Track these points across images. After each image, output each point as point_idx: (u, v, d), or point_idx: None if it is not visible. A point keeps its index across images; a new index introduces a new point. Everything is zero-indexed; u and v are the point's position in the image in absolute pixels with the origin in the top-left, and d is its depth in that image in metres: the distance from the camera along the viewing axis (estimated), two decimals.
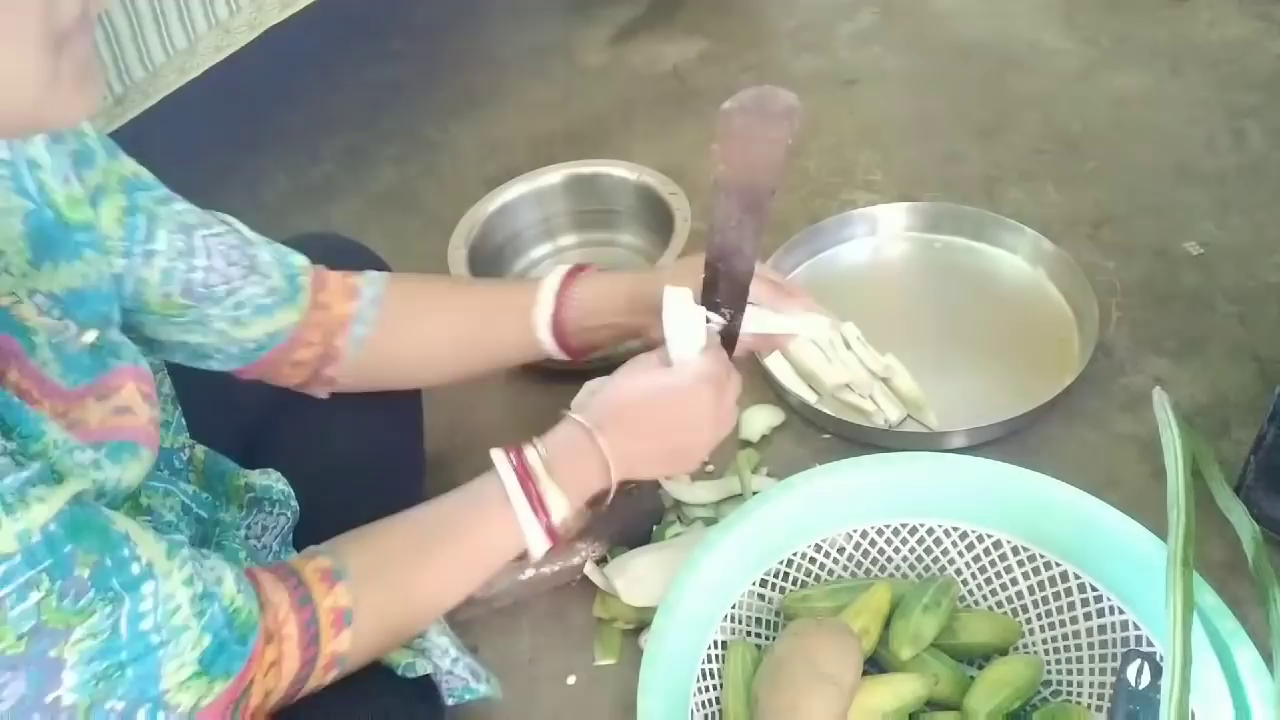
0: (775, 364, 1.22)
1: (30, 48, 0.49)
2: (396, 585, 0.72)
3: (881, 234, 1.41)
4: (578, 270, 0.92)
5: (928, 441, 1.13)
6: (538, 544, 0.76)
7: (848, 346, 1.25)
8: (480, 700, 0.82)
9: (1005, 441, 1.13)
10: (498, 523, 0.75)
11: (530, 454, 0.77)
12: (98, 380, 0.64)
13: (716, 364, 0.82)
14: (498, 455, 0.76)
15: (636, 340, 0.93)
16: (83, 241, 0.68)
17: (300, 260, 0.84)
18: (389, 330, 0.86)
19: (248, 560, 0.80)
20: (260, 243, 0.83)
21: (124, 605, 0.55)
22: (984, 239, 1.37)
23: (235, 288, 0.79)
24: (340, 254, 0.91)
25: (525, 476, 0.75)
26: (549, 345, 0.91)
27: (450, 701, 0.81)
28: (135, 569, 0.56)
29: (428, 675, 0.78)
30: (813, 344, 1.25)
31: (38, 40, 0.50)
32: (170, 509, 0.81)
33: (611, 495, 0.81)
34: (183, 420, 0.88)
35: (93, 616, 0.53)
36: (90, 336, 0.65)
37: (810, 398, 1.20)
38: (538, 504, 0.75)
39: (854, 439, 1.17)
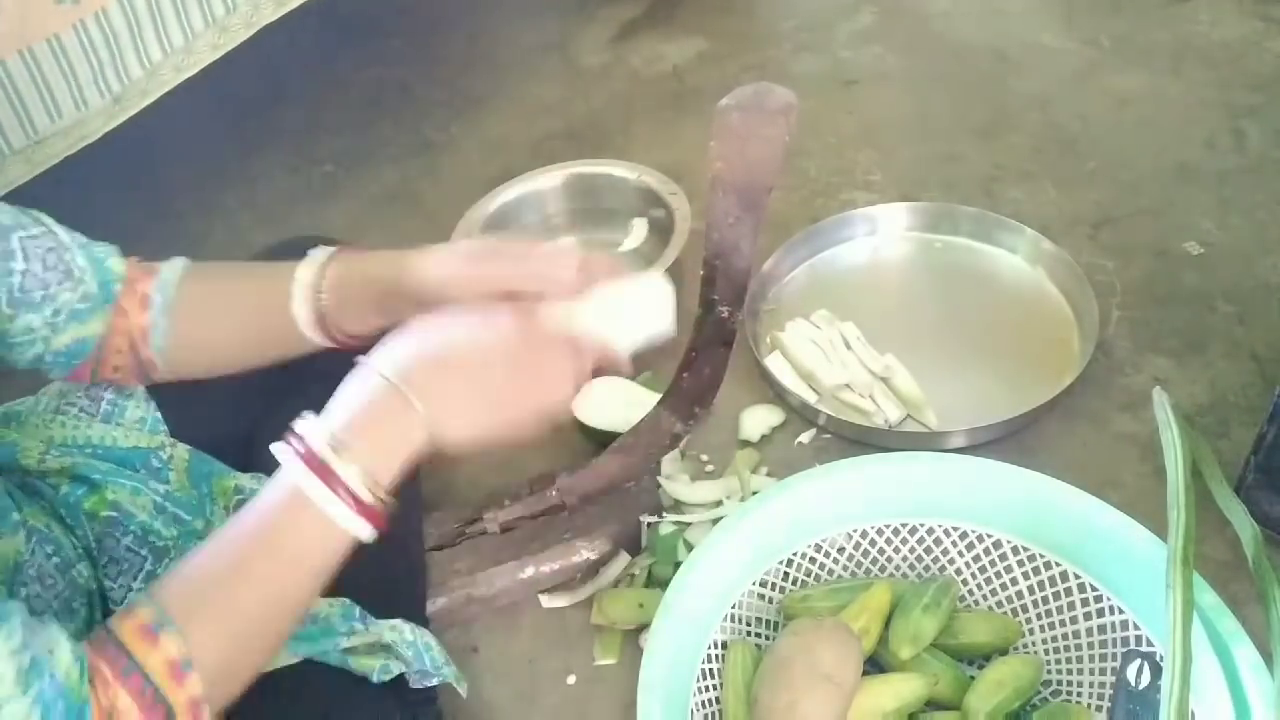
0: (775, 364, 1.22)
1: None
2: (224, 613, 0.63)
3: (881, 234, 1.41)
4: (339, 252, 0.83)
5: (928, 441, 1.13)
6: (361, 529, 0.65)
7: (848, 346, 1.25)
8: (452, 686, 0.81)
9: (1005, 441, 1.13)
10: (307, 521, 0.65)
11: (316, 438, 0.65)
12: None
13: (542, 323, 0.71)
14: (279, 450, 0.66)
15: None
16: None
17: (118, 266, 0.80)
18: (182, 336, 0.82)
19: None
20: (76, 246, 0.78)
21: None
22: (984, 239, 1.37)
23: (52, 294, 0.75)
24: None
25: (314, 466, 0.64)
26: (310, 337, 0.82)
27: (431, 683, 0.80)
28: None
29: (401, 675, 0.78)
30: (813, 343, 1.25)
31: None
32: (142, 508, 0.81)
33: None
34: (159, 417, 0.88)
35: None
36: None
37: (810, 398, 1.20)
38: (339, 489, 0.64)
39: (854, 439, 1.17)
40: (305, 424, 0.66)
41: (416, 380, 0.65)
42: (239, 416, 0.90)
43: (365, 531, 0.65)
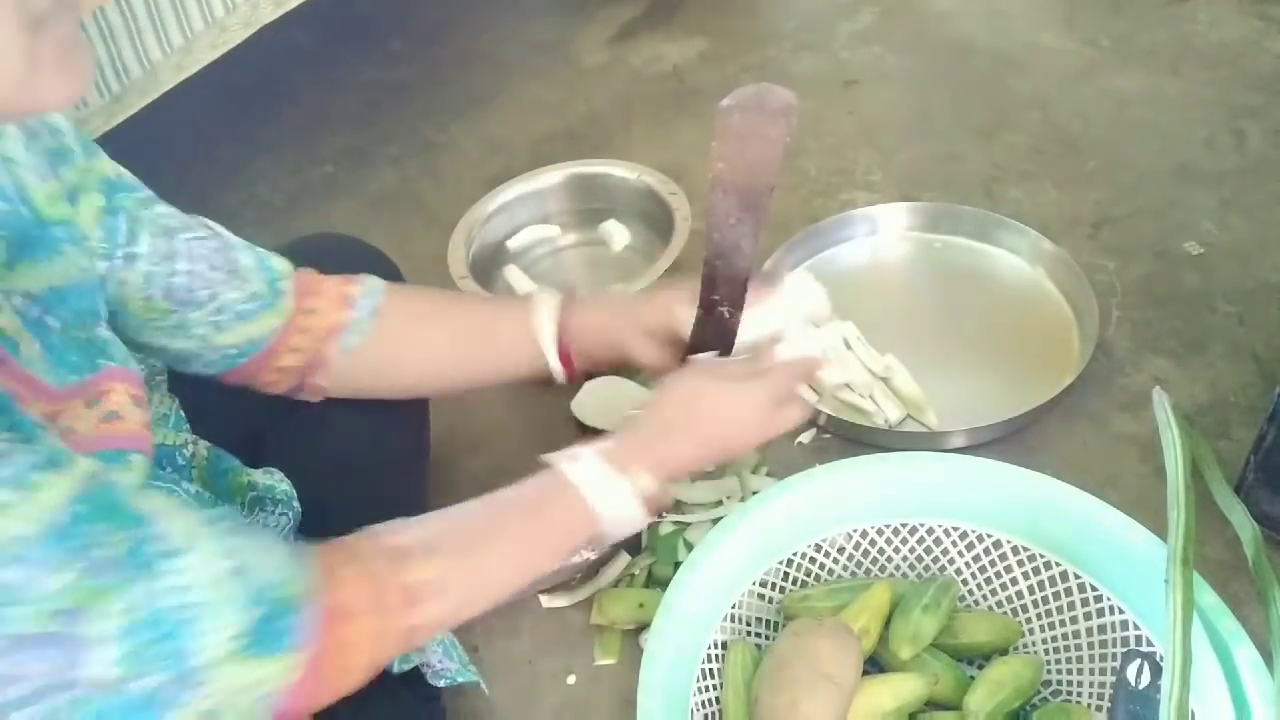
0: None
1: (5, 28, 0.49)
2: (470, 558, 0.70)
3: (881, 234, 1.41)
4: (567, 298, 0.93)
5: (928, 441, 1.13)
6: (632, 513, 0.77)
7: (848, 346, 1.25)
8: (468, 689, 0.82)
9: (1005, 441, 1.13)
10: (569, 498, 0.75)
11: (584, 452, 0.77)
12: (86, 381, 0.63)
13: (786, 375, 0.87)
14: (551, 456, 0.77)
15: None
16: (62, 237, 0.67)
17: (282, 265, 0.83)
18: (384, 342, 0.85)
19: None
20: (241, 247, 0.81)
21: (155, 580, 0.53)
22: (984, 239, 1.37)
23: (216, 292, 0.78)
24: (347, 254, 0.91)
25: (604, 464, 0.76)
26: (556, 368, 0.91)
27: (442, 683, 0.81)
28: (167, 545, 0.54)
29: (417, 669, 0.78)
30: (813, 344, 1.25)
31: (13, 20, 0.49)
32: None
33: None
34: (182, 415, 0.88)
35: (124, 593, 0.52)
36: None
37: (810, 397, 1.20)
38: (627, 484, 0.76)
39: (854, 439, 1.17)
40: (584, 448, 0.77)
41: (640, 461, 0.78)
42: (249, 413, 0.91)
43: (639, 515, 0.77)
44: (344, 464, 0.91)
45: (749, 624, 0.91)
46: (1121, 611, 0.84)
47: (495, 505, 0.74)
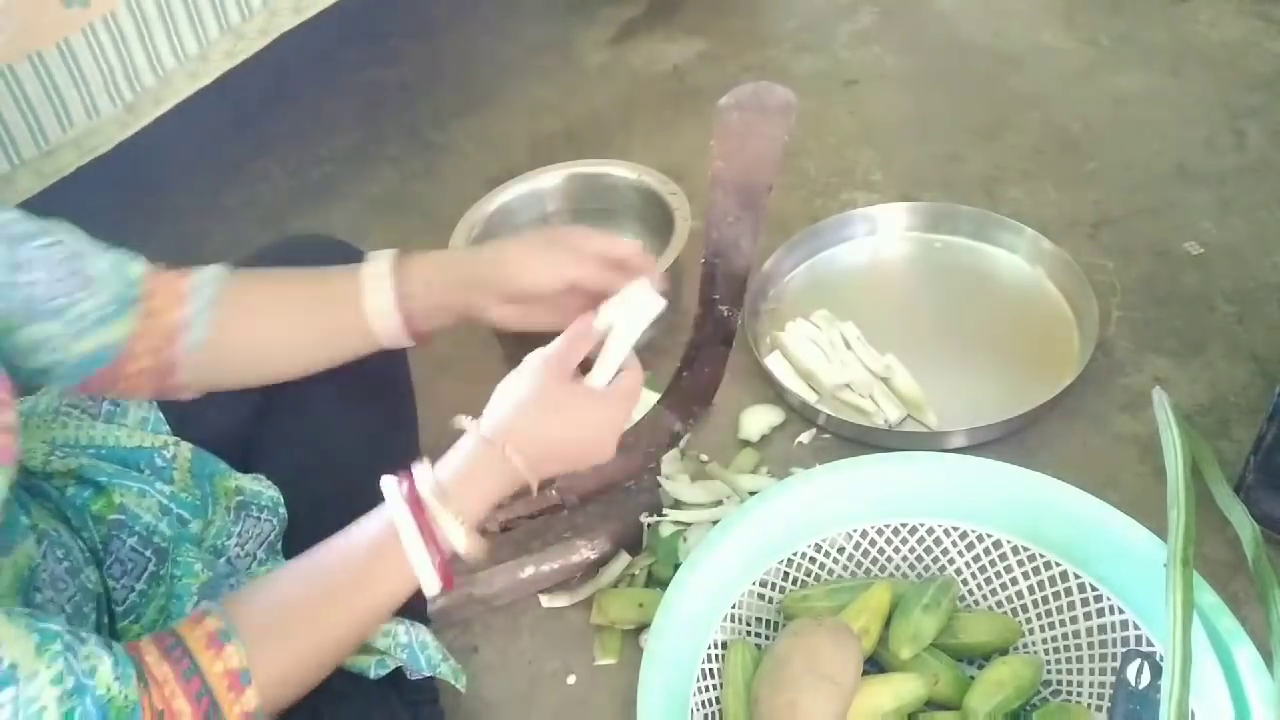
0: (775, 364, 1.22)
1: None
2: (292, 638, 0.68)
3: (881, 234, 1.41)
4: (403, 254, 0.87)
5: (928, 441, 1.13)
6: (429, 584, 0.72)
7: (848, 346, 1.25)
8: (453, 685, 0.82)
9: (1005, 441, 1.13)
10: (392, 564, 0.71)
11: (423, 483, 0.73)
12: None
13: (637, 385, 0.82)
14: (388, 485, 0.73)
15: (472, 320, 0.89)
16: None
17: (136, 270, 0.79)
18: (223, 335, 0.81)
19: (205, 574, 0.79)
20: (96, 253, 0.77)
21: None
22: (984, 239, 1.37)
23: (70, 302, 0.74)
24: (333, 256, 0.90)
25: (417, 508, 0.72)
26: (392, 332, 0.85)
27: (420, 675, 0.80)
28: None
29: (399, 670, 0.78)
30: (813, 343, 1.25)
31: None
32: (147, 509, 0.81)
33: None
34: (161, 416, 0.87)
35: None
36: None
37: (810, 397, 1.20)
38: (430, 541, 0.71)
39: (854, 439, 1.17)
40: (418, 468, 0.73)
41: (519, 449, 0.75)
42: (237, 415, 0.90)
43: (432, 586, 0.72)
44: (331, 465, 0.91)
45: (749, 624, 0.91)
46: (1121, 611, 0.84)
47: (318, 572, 0.71)
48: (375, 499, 0.76)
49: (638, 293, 0.82)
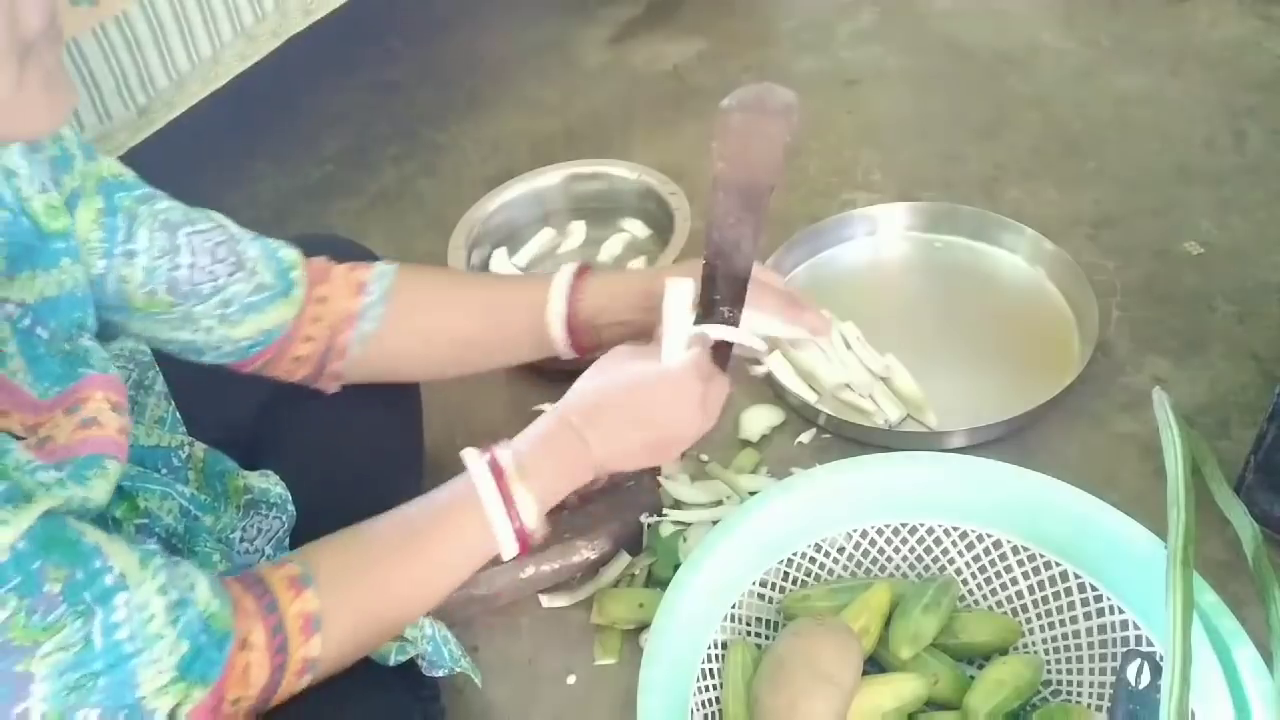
0: (775, 363, 1.22)
1: None
2: (367, 590, 0.71)
3: (881, 234, 1.41)
4: (584, 269, 0.92)
5: (928, 441, 1.13)
6: (508, 546, 0.75)
7: (848, 346, 1.25)
8: (468, 690, 0.82)
9: (1005, 441, 1.13)
10: (470, 524, 0.74)
11: (503, 454, 0.76)
12: (67, 390, 0.64)
13: (701, 360, 0.82)
14: (470, 454, 0.76)
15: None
16: (60, 250, 0.68)
17: (291, 255, 0.83)
18: (396, 326, 0.86)
19: (223, 564, 0.80)
20: (248, 239, 0.82)
21: (96, 617, 0.56)
22: (984, 239, 1.37)
23: (221, 285, 0.78)
24: (338, 256, 0.91)
25: (498, 476, 0.75)
26: (561, 343, 0.90)
27: (440, 673, 0.81)
28: (108, 580, 0.57)
29: (413, 661, 0.78)
30: (814, 344, 1.25)
31: (4, 45, 0.50)
32: (168, 512, 0.81)
33: (599, 484, 0.80)
34: (178, 416, 0.88)
35: (63, 630, 0.54)
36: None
37: (810, 397, 1.20)
38: (510, 505, 0.74)
39: (854, 438, 1.17)
40: (498, 446, 0.76)
41: (593, 425, 0.77)
42: (244, 413, 0.91)
43: (510, 549, 0.75)
44: (337, 463, 0.91)
45: (749, 624, 0.91)
46: (1121, 611, 0.84)
47: (397, 528, 0.74)
48: (381, 495, 0.77)
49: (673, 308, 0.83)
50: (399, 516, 0.75)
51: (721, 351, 0.87)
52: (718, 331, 0.85)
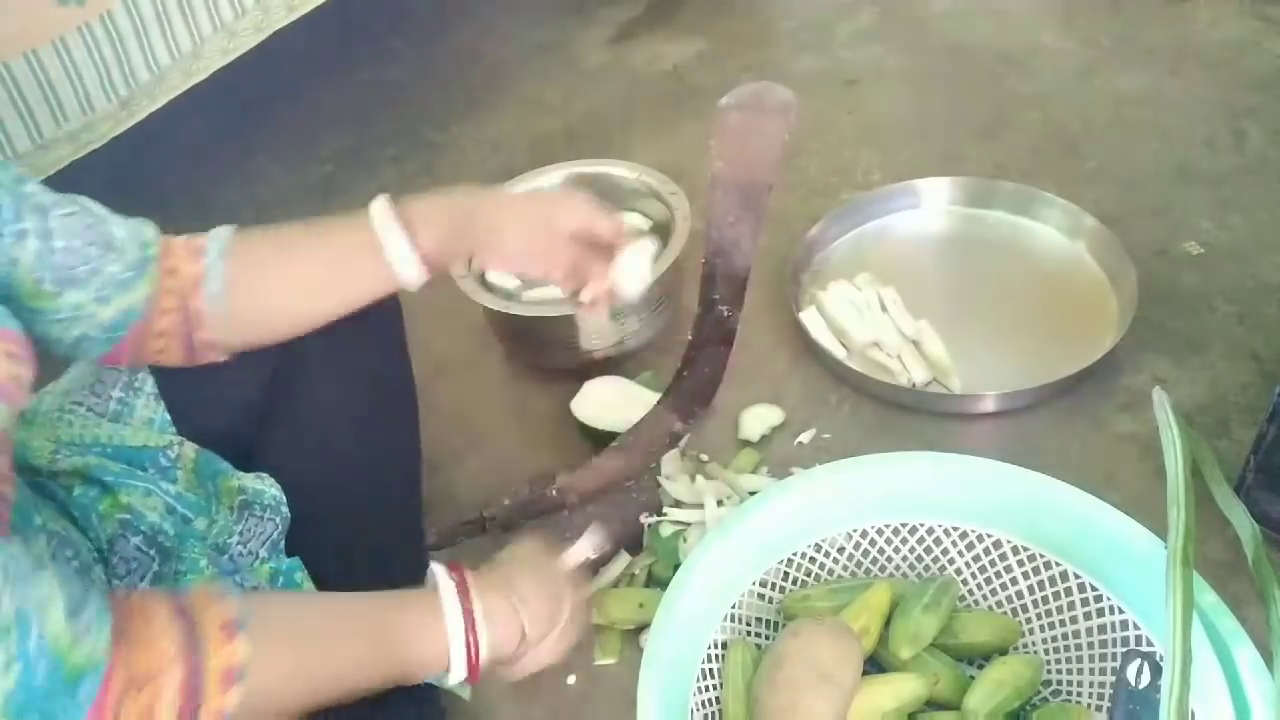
0: (809, 318, 1.26)
1: None
2: (300, 658, 0.67)
3: (925, 207, 1.44)
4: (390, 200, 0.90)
5: (949, 404, 1.17)
6: (458, 667, 0.73)
7: (883, 309, 1.28)
8: (452, 695, 0.82)
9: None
10: (428, 633, 0.72)
11: (470, 577, 0.75)
12: None
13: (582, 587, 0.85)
14: (438, 569, 0.75)
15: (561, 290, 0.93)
16: None
17: (150, 232, 0.81)
18: (241, 280, 0.83)
19: (210, 570, 0.79)
20: (114, 220, 0.79)
21: None
22: (1025, 213, 1.40)
23: (96, 268, 0.75)
24: None
25: (464, 593, 0.73)
26: (415, 275, 0.87)
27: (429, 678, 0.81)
28: None
29: None
30: (850, 304, 1.29)
31: None
32: (153, 509, 0.81)
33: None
34: (168, 417, 0.88)
35: None
36: None
37: (840, 353, 1.23)
38: (470, 629, 0.73)
39: (879, 396, 1.20)
40: (465, 568, 0.75)
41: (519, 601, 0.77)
42: (239, 414, 0.90)
43: (459, 672, 0.73)
44: (333, 468, 0.91)
45: (749, 624, 0.91)
46: (1121, 611, 0.84)
47: (349, 613, 0.72)
48: (378, 497, 0.76)
49: (630, 259, 0.87)
50: (354, 604, 0.73)
51: (715, 349, 0.88)
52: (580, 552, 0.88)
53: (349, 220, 0.86)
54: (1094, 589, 0.86)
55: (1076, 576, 0.87)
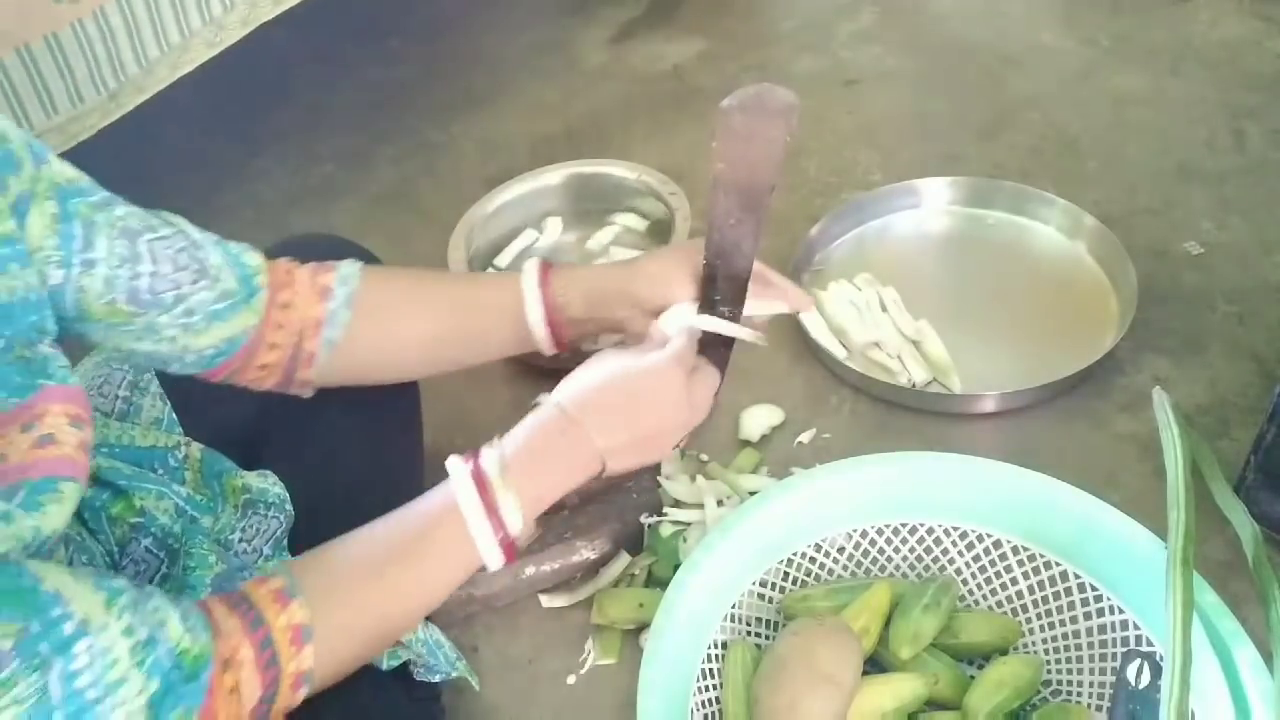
0: (809, 318, 1.26)
1: None
2: (355, 600, 0.70)
3: (925, 207, 1.44)
4: (548, 266, 0.91)
5: (949, 404, 1.16)
6: (493, 559, 0.73)
7: (883, 309, 1.28)
8: (468, 692, 0.82)
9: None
10: (453, 540, 0.73)
11: (488, 461, 0.74)
12: (24, 404, 0.61)
13: (685, 352, 0.82)
14: (454, 464, 0.75)
15: (617, 335, 0.94)
16: (6, 255, 0.64)
17: (255, 260, 0.80)
18: (362, 331, 0.83)
19: (219, 565, 0.79)
20: (210, 244, 0.78)
21: (54, 668, 0.53)
22: (1024, 213, 1.40)
23: (184, 294, 0.75)
24: (338, 256, 0.91)
25: (482, 487, 0.73)
26: (544, 341, 0.90)
27: (436, 678, 0.81)
28: (67, 629, 0.54)
29: (406, 666, 0.78)
30: (850, 304, 1.29)
31: None
32: (164, 511, 0.81)
33: (596, 485, 0.80)
34: (174, 417, 0.88)
35: (15, 687, 0.51)
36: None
37: (840, 354, 1.23)
38: (493, 516, 0.72)
39: (879, 396, 1.20)
40: (487, 447, 0.75)
41: (589, 415, 0.77)
42: (242, 413, 0.90)
43: (495, 562, 0.73)
44: (336, 463, 0.91)
45: (749, 624, 0.91)
46: (1121, 611, 0.84)
47: (380, 543, 0.73)
48: (381, 496, 0.77)
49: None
50: (383, 529, 0.73)
51: (716, 350, 0.87)
52: (704, 322, 0.85)
53: (495, 278, 0.91)
54: (1094, 589, 0.86)
55: (1077, 576, 0.87)
